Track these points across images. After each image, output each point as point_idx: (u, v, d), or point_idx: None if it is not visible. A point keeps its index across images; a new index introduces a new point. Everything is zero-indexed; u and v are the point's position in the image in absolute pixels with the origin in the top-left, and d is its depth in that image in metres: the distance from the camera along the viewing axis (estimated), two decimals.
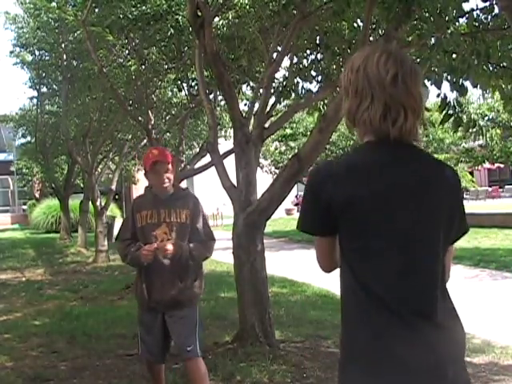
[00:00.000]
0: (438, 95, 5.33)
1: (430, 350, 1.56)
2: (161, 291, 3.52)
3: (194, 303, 3.67)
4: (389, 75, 1.59)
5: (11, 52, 14.14)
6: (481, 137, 6.49)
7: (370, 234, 1.58)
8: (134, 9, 7.63)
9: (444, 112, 5.08)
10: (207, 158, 8.04)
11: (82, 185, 19.64)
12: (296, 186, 5.27)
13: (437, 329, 1.59)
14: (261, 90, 5.91)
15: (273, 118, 7.00)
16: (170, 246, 3.42)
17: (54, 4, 9.16)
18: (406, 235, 1.58)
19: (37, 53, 13.45)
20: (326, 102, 6.60)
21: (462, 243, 14.42)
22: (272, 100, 6.61)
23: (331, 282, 2.86)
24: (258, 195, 5.32)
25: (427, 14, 4.76)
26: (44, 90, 15.66)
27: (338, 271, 1.71)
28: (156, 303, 3.57)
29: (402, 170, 1.61)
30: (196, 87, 8.88)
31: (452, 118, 5.06)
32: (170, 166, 3.56)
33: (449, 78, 5.12)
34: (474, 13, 4.95)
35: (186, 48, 8.08)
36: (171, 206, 3.55)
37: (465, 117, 5.23)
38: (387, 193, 1.59)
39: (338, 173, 1.61)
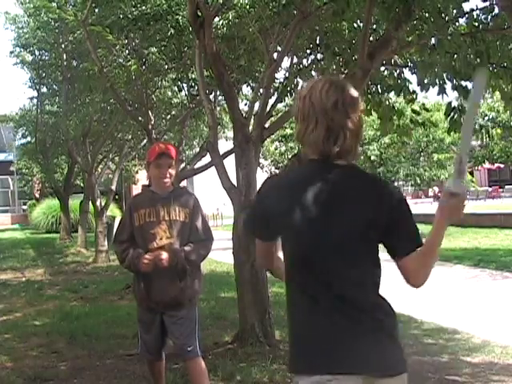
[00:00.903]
0: (439, 93, 5.33)
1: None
2: (160, 292, 3.49)
3: (194, 303, 3.64)
4: (330, 102, 1.81)
5: (11, 52, 14.14)
6: (484, 137, 6.51)
7: (291, 245, 1.85)
8: (133, 9, 7.63)
9: (450, 118, 5.09)
10: (207, 158, 8.04)
11: (82, 185, 19.65)
12: None
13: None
14: (261, 90, 5.91)
15: (273, 118, 7.00)
16: (164, 256, 3.37)
17: (53, 4, 9.15)
18: (320, 246, 1.79)
19: (37, 53, 13.45)
20: None
21: (462, 243, 14.44)
22: (272, 100, 6.62)
23: None
24: None
25: (427, 14, 4.77)
26: (44, 90, 15.66)
27: None
28: (156, 304, 3.54)
29: (328, 186, 1.82)
30: (196, 87, 8.88)
31: (458, 123, 5.06)
32: (173, 162, 3.51)
33: (452, 80, 5.13)
34: (474, 13, 4.96)
35: (186, 48, 8.07)
36: (170, 203, 3.49)
37: None
38: (306, 206, 1.80)
39: (275, 187, 1.93)
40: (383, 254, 1.83)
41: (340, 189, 1.82)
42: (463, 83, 5.23)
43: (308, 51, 6.66)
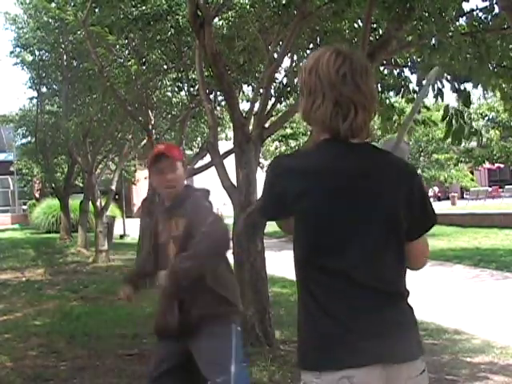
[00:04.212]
0: (435, 96, 5.34)
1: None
2: (161, 318, 3.00)
3: (227, 322, 2.85)
4: (338, 74, 1.65)
5: (11, 52, 14.14)
6: (480, 139, 6.53)
7: (318, 228, 1.67)
8: (133, 9, 7.63)
9: (446, 122, 5.09)
10: (207, 158, 8.05)
11: (81, 185, 19.64)
12: None
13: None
14: (261, 90, 5.91)
15: (273, 118, 7.00)
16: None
17: (53, 4, 9.15)
18: (353, 229, 1.66)
19: (37, 53, 13.45)
20: None
21: (462, 243, 14.45)
22: (272, 100, 6.62)
23: None
24: (258, 195, 5.32)
25: (427, 14, 4.77)
26: (44, 90, 15.66)
27: None
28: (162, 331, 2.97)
29: (350, 168, 1.68)
30: (196, 87, 8.88)
31: (452, 130, 5.06)
32: (177, 164, 2.84)
33: (451, 82, 5.14)
34: (474, 13, 4.96)
35: (186, 48, 8.08)
36: (172, 214, 2.85)
37: (466, 129, 5.23)
38: (335, 190, 1.66)
39: (293, 168, 1.70)
40: None
41: (363, 173, 1.68)
42: (463, 86, 5.25)
43: (308, 51, 6.66)
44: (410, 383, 1.66)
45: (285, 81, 7.14)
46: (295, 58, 6.74)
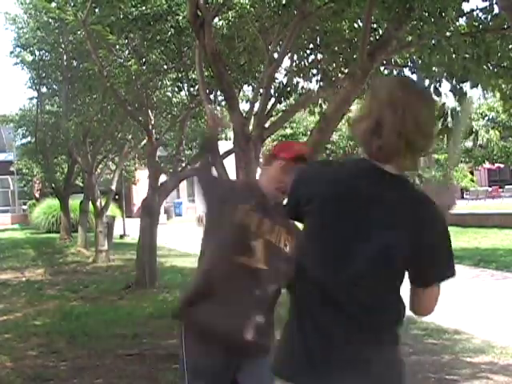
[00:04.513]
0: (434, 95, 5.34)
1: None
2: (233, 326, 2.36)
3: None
4: (391, 97, 1.64)
5: (11, 52, 14.12)
6: (476, 138, 6.53)
7: (311, 235, 1.75)
8: (133, 9, 7.63)
9: (441, 121, 5.09)
10: None
11: (82, 185, 19.63)
12: None
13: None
14: (261, 90, 5.91)
15: (273, 118, 7.00)
16: None
17: (53, 4, 9.15)
18: (342, 249, 1.66)
19: (37, 53, 13.43)
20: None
21: (462, 243, 14.43)
22: (272, 100, 6.61)
23: None
24: None
25: (427, 14, 4.77)
26: (44, 90, 15.64)
27: None
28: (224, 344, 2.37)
29: (362, 189, 1.66)
30: (196, 87, 8.88)
31: (447, 130, 5.06)
32: None
33: (450, 82, 5.14)
34: (474, 13, 4.96)
35: (186, 48, 8.08)
36: (275, 220, 2.40)
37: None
38: (337, 204, 1.68)
39: (314, 175, 1.79)
40: None
41: (373, 199, 1.64)
42: (460, 86, 5.24)
43: (308, 51, 6.66)
44: None
45: (285, 81, 7.14)
46: (295, 58, 6.74)
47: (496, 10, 4.77)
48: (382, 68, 6.08)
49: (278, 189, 2.40)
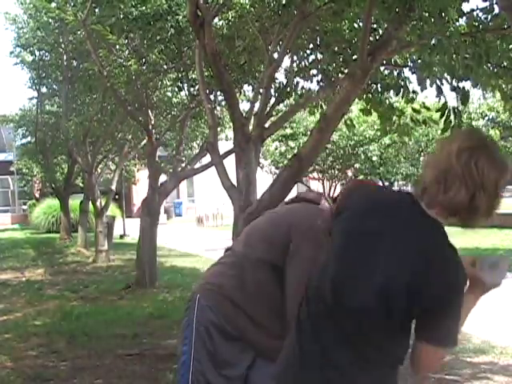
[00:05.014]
0: (437, 96, 5.35)
1: None
2: None
3: None
4: (458, 148, 1.59)
5: (11, 52, 14.13)
6: None
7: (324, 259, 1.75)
8: (133, 9, 7.62)
9: (444, 118, 5.09)
10: (207, 158, 8.04)
11: (81, 185, 19.63)
12: (296, 186, 5.26)
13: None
14: (261, 90, 5.91)
15: (273, 118, 7.00)
16: None
17: (53, 4, 9.15)
18: (347, 280, 1.65)
19: (37, 53, 13.43)
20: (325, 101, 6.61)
21: (462, 243, 14.42)
22: (272, 100, 6.61)
23: None
24: (258, 195, 5.32)
25: (427, 14, 4.76)
26: (44, 90, 15.64)
27: None
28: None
29: (378, 223, 1.64)
30: (196, 87, 8.88)
31: (451, 126, 5.07)
32: None
33: (450, 81, 5.14)
34: (474, 13, 4.96)
35: (186, 48, 8.07)
36: None
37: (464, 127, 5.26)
38: (360, 236, 1.66)
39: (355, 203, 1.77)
40: None
41: (394, 240, 1.60)
42: (462, 85, 5.25)
43: (308, 51, 6.66)
44: None
45: (285, 81, 7.14)
46: (295, 58, 6.74)
47: (496, 10, 4.77)
48: (381, 68, 6.08)
49: None
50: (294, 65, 6.74)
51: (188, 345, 2.38)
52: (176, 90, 10.31)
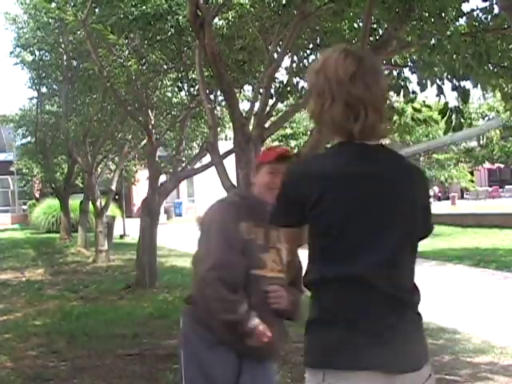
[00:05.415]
0: (437, 95, 5.34)
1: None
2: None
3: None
4: (347, 73, 1.61)
5: (11, 52, 14.14)
6: (482, 138, 6.57)
7: (336, 232, 1.64)
8: (134, 9, 7.62)
9: (446, 118, 5.09)
10: (207, 158, 8.04)
11: (81, 185, 19.63)
12: None
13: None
14: (261, 90, 5.90)
15: (273, 118, 7.00)
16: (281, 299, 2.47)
17: (53, 4, 9.15)
18: (370, 234, 1.63)
19: (37, 53, 13.44)
20: None
21: (463, 243, 14.44)
22: (272, 100, 6.61)
23: None
24: None
25: (427, 14, 4.77)
26: (44, 90, 15.65)
27: None
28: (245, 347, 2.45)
29: (366, 173, 1.65)
30: (196, 87, 8.88)
31: (453, 124, 5.07)
32: None
33: (451, 80, 5.14)
34: (474, 13, 4.96)
35: (186, 48, 8.07)
36: None
37: (465, 126, 5.26)
38: (351, 195, 1.63)
39: (308, 174, 1.66)
40: None
41: (378, 176, 1.65)
42: (462, 84, 5.24)
43: (308, 51, 6.66)
44: None
45: (285, 81, 7.14)
46: (295, 58, 6.74)
47: (496, 10, 4.77)
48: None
49: (272, 188, 2.37)
50: (294, 65, 6.74)
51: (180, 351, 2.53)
52: (176, 89, 10.32)
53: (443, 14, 4.77)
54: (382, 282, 1.61)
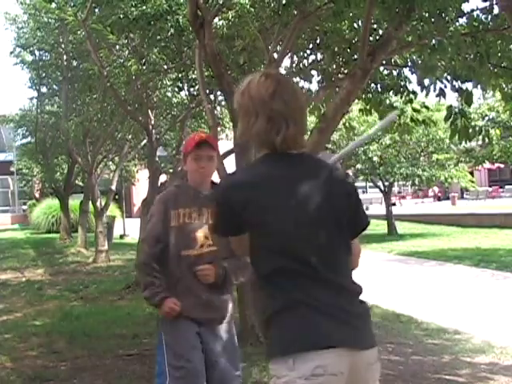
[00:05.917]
0: (438, 95, 5.35)
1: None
2: (205, 305, 2.96)
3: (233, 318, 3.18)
4: (268, 92, 1.84)
5: (11, 52, 14.13)
6: (484, 137, 6.57)
7: (268, 228, 1.81)
8: (134, 9, 7.62)
9: (450, 122, 5.10)
10: None
11: (82, 185, 19.63)
12: None
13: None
14: None
15: None
16: (209, 272, 2.86)
17: (53, 4, 9.15)
18: (301, 230, 1.80)
19: (37, 53, 13.45)
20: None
21: (463, 243, 14.45)
22: None
23: None
24: None
25: (427, 15, 4.77)
26: (44, 90, 15.65)
27: None
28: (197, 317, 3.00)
29: (285, 176, 1.83)
30: (196, 87, 8.88)
31: (458, 128, 5.08)
32: (215, 155, 2.98)
33: (453, 83, 5.15)
34: (474, 13, 4.96)
35: (186, 48, 8.07)
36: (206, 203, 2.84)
37: (470, 129, 5.26)
38: (274, 195, 1.82)
39: (236, 183, 1.89)
40: (383, 253, 1.83)
41: (300, 178, 1.84)
42: (464, 86, 5.26)
43: (308, 51, 6.66)
44: (368, 370, 1.79)
45: None
46: (295, 58, 6.74)
47: (496, 10, 4.77)
48: (381, 68, 6.08)
49: (201, 172, 2.91)
50: (294, 65, 6.75)
51: None
52: (176, 89, 10.32)
53: (443, 15, 4.77)
54: (321, 269, 1.77)
